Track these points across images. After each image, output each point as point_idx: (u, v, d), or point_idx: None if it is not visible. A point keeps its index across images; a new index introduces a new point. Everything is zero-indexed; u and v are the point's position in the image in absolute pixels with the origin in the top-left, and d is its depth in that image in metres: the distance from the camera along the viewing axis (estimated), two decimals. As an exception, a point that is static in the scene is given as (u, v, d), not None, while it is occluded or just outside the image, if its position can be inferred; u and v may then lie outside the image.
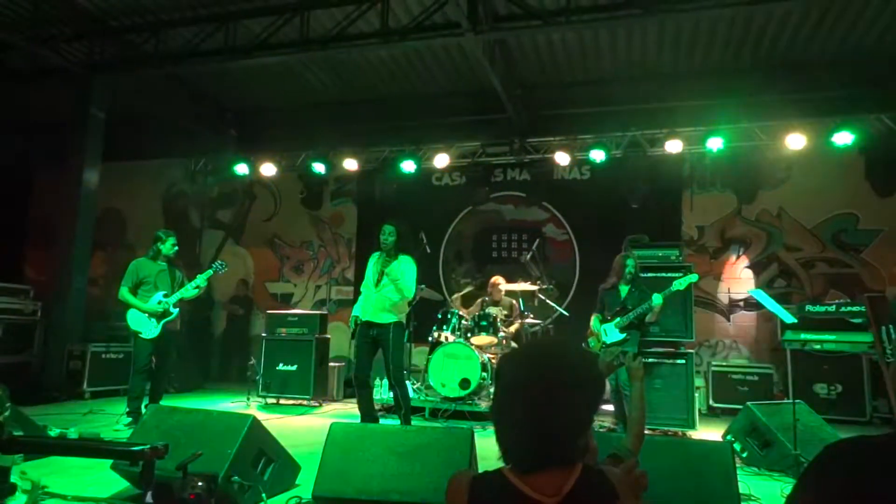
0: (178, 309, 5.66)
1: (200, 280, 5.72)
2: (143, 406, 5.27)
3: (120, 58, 7.54)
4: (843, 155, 7.59)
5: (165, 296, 5.60)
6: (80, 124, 7.68)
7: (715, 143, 7.61)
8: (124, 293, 5.54)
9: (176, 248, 5.79)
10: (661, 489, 2.97)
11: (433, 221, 9.00)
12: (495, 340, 6.68)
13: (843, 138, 7.26)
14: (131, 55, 7.52)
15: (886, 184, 7.76)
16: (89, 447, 2.63)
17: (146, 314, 5.51)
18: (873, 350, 4.58)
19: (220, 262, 6.01)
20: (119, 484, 3.41)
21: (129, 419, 5.41)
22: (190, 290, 5.68)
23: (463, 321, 6.82)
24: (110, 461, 3.26)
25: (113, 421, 5.55)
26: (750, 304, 7.97)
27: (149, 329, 5.51)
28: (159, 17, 7.23)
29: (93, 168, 7.74)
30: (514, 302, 7.10)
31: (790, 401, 4.62)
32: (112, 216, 10.75)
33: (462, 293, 7.78)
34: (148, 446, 2.23)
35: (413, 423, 5.20)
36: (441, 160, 8.61)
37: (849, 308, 6.78)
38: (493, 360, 6.59)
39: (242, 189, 10.41)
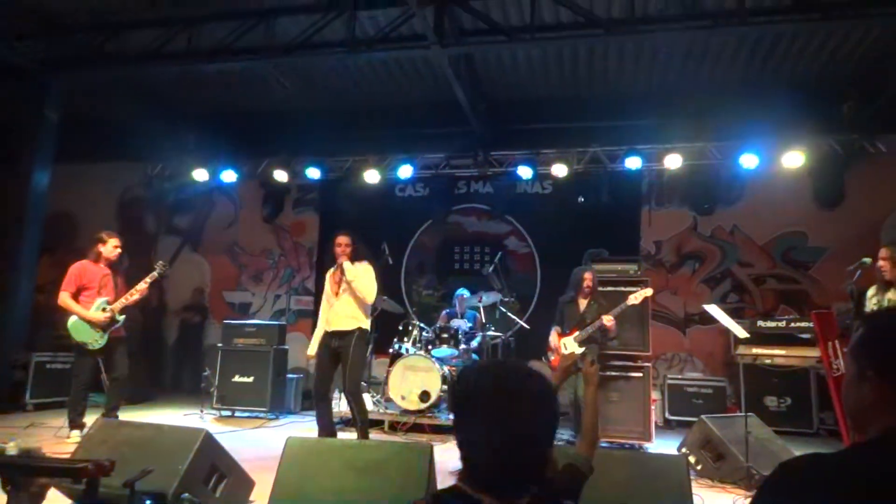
0: (124, 316, 5.37)
1: (142, 286, 5.38)
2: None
3: (77, 58, 7.32)
4: (793, 175, 7.88)
5: (109, 302, 5.31)
6: (32, 125, 7.42)
7: (672, 161, 7.81)
8: (65, 298, 5.20)
9: (118, 250, 5.47)
10: (617, 502, 3.00)
11: (396, 232, 8.97)
12: (456, 353, 6.67)
13: (793, 159, 7.55)
14: (89, 56, 7.30)
15: (832, 203, 8.08)
16: (28, 464, 2.51)
17: (90, 323, 5.21)
18: (820, 364, 4.73)
19: (161, 262, 5.67)
20: (61, 502, 3.26)
21: (78, 431, 5.19)
22: (134, 295, 5.35)
23: (424, 333, 6.80)
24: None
25: (57, 434, 5.33)
26: (705, 318, 8.16)
27: (94, 339, 5.20)
28: (120, 17, 7.05)
29: (43, 170, 7.48)
30: (477, 315, 7.11)
31: (742, 414, 4.74)
32: (63, 220, 10.39)
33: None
34: (92, 462, 2.13)
35: (372, 436, 5.14)
36: (405, 171, 8.60)
37: (797, 324, 7.00)
38: (454, 373, 6.58)
39: (201, 195, 10.19)
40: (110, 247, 5.43)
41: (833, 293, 7.90)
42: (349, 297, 4.86)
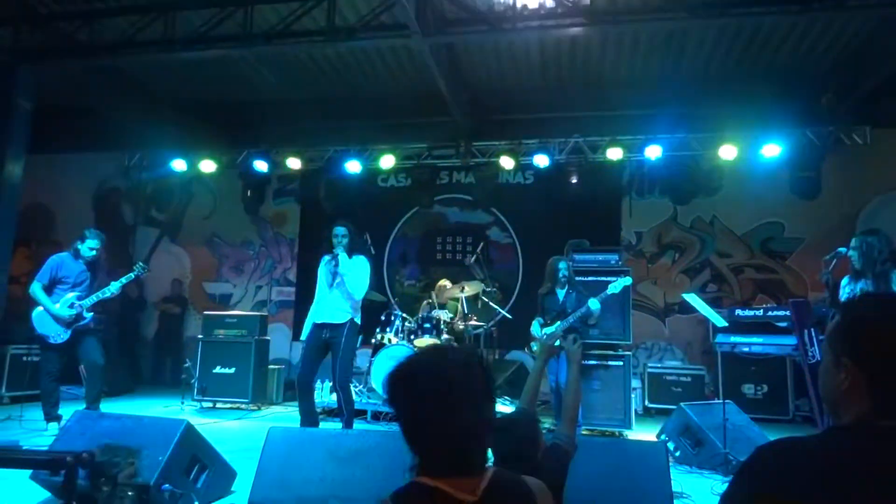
0: (91, 314, 5.29)
1: (116, 286, 5.35)
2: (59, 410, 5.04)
3: (50, 46, 7.14)
4: (771, 167, 7.97)
5: (80, 299, 5.23)
6: (4, 114, 7.23)
7: (653, 152, 7.86)
8: (36, 289, 5.17)
9: (93, 252, 5.38)
10: (598, 489, 3.03)
11: (378, 223, 8.95)
12: (438, 342, 6.68)
13: (771, 150, 7.64)
14: (62, 44, 7.13)
15: (809, 194, 8.19)
16: (6, 456, 2.48)
17: (54, 317, 5.14)
18: (797, 352, 4.82)
19: (140, 264, 5.65)
20: (39, 495, 3.22)
21: (56, 423, 5.14)
22: (105, 294, 5.32)
23: (406, 323, 6.80)
24: (29, 471, 3.08)
25: (34, 427, 5.26)
26: (684, 307, 8.26)
27: (56, 333, 5.15)
28: (93, 4, 6.90)
29: (16, 161, 7.29)
30: (458, 305, 7.13)
31: (720, 401, 4.82)
32: (39, 211, 10.20)
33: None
34: (70, 454, 2.11)
35: (355, 426, 5.14)
36: (387, 161, 8.55)
37: (774, 312, 7.12)
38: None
39: (180, 186, 10.05)
40: (86, 247, 5.36)
41: (809, 283, 8.05)
42: (341, 290, 4.86)
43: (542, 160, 8.13)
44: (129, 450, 2.61)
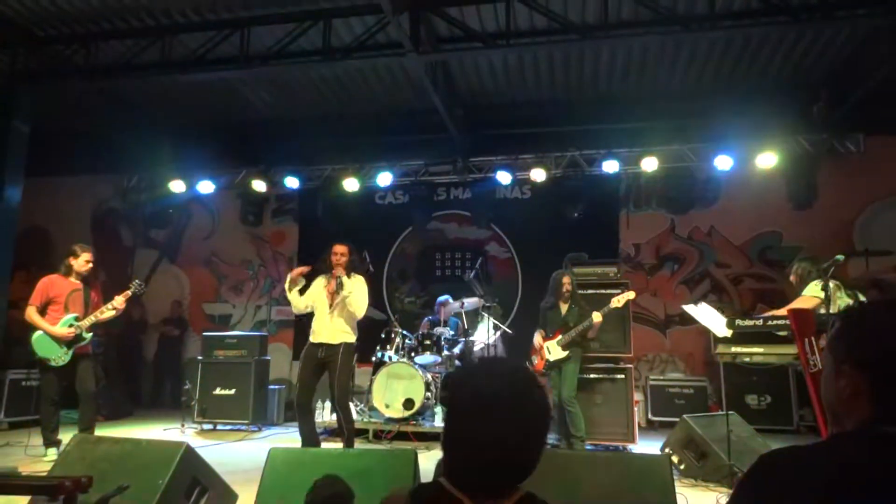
0: (91, 334, 5.19)
1: (117, 302, 5.23)
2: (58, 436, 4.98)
3: (47, 69, 7.20)
4: (767, 176, 8.01)
5: (77, 319, 5.15)
6: (1, 137, 7.26)
7: (649, 164, 7.89)
8: (31, 313, 5.07)
9: (90, 265, 5.31)
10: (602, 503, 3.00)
11: (376, 240, 8.95)
12: (439, 359, 6.66)
13: (766, 160, 7.68)
14: (59, 67, 7.19)
15: (805, 203, 8.22)
16: (4, 483, 2.45)
17: (54, 338, 5.05)
18: (798, 361, 4.80)
19: (137, 281, 5.54)
20: (38, 521, 3.18)
21: (55, 448, 5.07)
22: (106, 313, 5.20)
23: (407, 340, 6.78)
24: (27, 497, 3.05)
25: (32, 453, 5.21)
26: (685, 319, 8.24)
27: (57, 355, 5.05)
28: (90, 28, 6.96)
29: (15, 184, 7.32)
30: (459, 321, 7.11)
31: (723, 412, 4.79)
32: (36, 234, 10.19)
33: None
34: (68, 479, 2.09)
35: (356, 445, 5.10)
36: (384, 179, 8.58)
37: (774, 321, 7.09)
38: (438, 380, 6.56)
39: (178, 207, 10.06)
40: (82, 261, 5.28)
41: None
42: (342, 310, 4.84)
43: (538, 175, 8.16)
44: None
